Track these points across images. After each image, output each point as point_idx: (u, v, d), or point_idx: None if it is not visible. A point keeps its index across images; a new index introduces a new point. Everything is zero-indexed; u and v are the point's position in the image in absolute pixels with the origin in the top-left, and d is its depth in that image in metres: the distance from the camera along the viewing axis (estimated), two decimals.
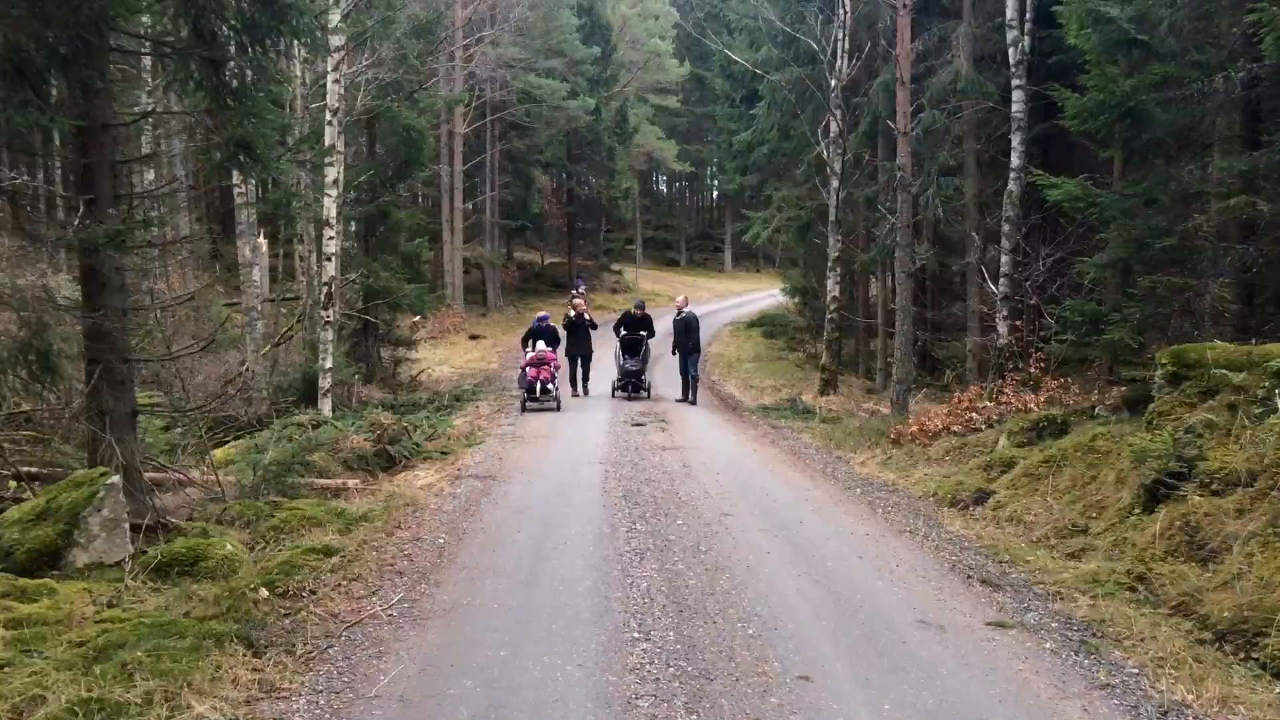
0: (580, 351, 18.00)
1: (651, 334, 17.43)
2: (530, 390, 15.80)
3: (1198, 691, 4.65)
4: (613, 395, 17.26)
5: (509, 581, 6.43)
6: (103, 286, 7.39)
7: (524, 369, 16.18)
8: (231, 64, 8.04)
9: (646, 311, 17.82)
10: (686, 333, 17.02)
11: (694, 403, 17.02)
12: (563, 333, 17.58)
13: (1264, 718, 4.34)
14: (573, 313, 18.01)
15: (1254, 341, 8.10)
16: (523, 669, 4.92)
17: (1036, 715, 4.45)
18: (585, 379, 18.11)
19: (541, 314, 17.74)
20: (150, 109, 10.79)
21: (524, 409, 15.58)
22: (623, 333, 17.34)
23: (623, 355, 17.35)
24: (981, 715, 4.43)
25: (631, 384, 17.24)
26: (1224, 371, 7.33)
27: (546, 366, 16.01)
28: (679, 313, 17.53)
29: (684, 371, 17.22)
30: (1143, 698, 4.65)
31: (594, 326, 18.31)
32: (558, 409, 15.51)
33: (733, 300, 41.19)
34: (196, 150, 14.49)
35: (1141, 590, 6.08)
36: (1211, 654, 5.12)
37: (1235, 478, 6.43)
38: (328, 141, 13.96)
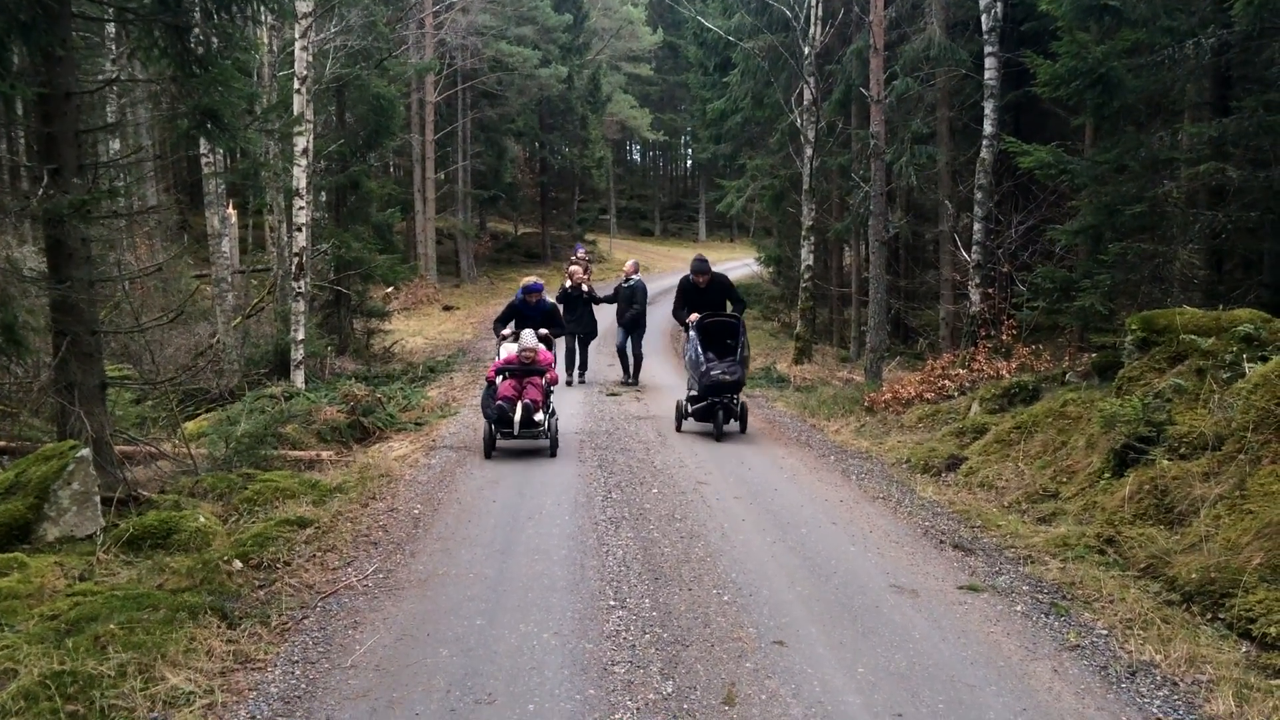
0: (580, 330, 14.98)
1: (743, 306, 11.60)
2: (501, 419, 9.36)
3: (1165, 652, 4.72)
4: (678, 428, 11.01)
5: (484, 551, 6.43)
6: (69, 258, 7.28)
7: (492, 380, 9.84)
8: (197, 30, 7.92)
9: (716, 272, 11.52)
10: (631, 304, 14.98)
11: (636, 383, 15.00)
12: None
13: (1230, 676, 4.41)
14: (569, 283, 15.11)
15: (1221, 307, 8.19)
16: (499, 637, 4.93)
17: (1007, 676, 4.51)
18: (583, 365, 15.22)
19: (530, 281, 11.69)
20: (114, 77, 10.61)
21: (488, 453, 9.48)
22: (699, 319, 10.92)
23: (702, 353, 10.62)
24: (953, 677, 4.49)
25: (724, 404, 10.55)
26: (1192, 337, 7.42)
27: (535, 381, 9.71)
28: (626, 280, 15.24)
29: (624, 349, 15.15)
30: (1111, 658, 4.72)
31: (597, 301, 15.24)
32: (552, 454, 9.53)
33: None
34: (162, 119, 14.32)
35: (1111, 553, 6.15)
36: (1179, 615, 5.19)
37: (1203, 442, 6.51)
38: (296, 110, 13.78)
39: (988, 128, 14.08)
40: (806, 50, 18.48)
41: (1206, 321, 7.59)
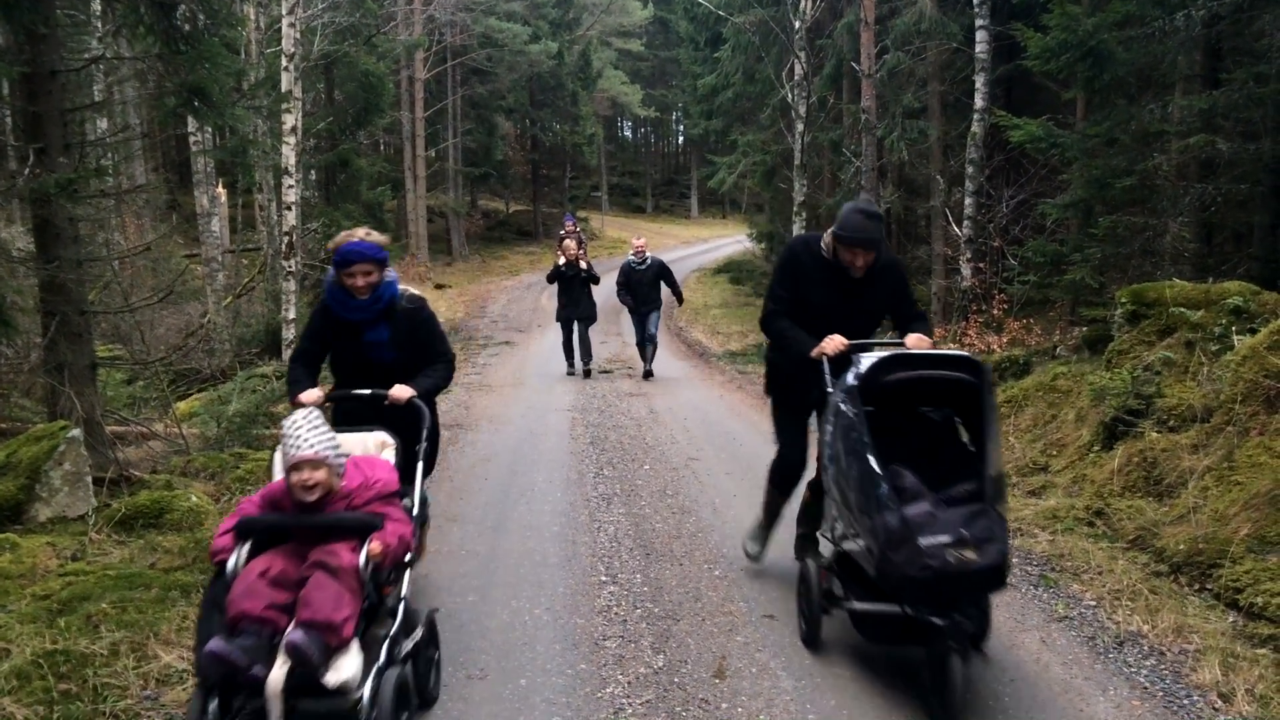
0: (577, 314, 13.33)
1: (924, 322, 5.16)
2: (229, 685, 3.26)
3: (1153, 622, 4.75)
4: (810, 636, 4.57)
5: (476, 528, 6.45)
6: (56, 237, 7.24)
7: (220, 558, 3.61)
8: (183, 7, 7.85)
9: (881, 246, 4.86)
10: (658, 283, 13.41)
11: (651, 374, 13.39)
12: (549, 298, 12.46)
13: (1216, 645, 4.45)
14: (563, 260, 13.41)
15: (1210, 280, 8.21)
16: (491, 613, 4.95)
17: (996, 647, 4.54)
18: (586, 353, 13.47)
19: (350, 238, 4.67)
20: (100, 54, 10.52)
21: None
22: (868, 366, 4.26)
23: (878, 468, 3.94)
24: None
25: (957, 627, 3.79)
26: (1182, 310, 7.43)
27: (332, 555, 3.51)
28: (641, 261, 13.31)
29: (646, 336, 13.47)
30: (1099, 629, 4.76)
31: (595, 280, 13.49)
32: None
33: (699, 246, 41.10)
34: (149, 97, 14.22)
35: (1100, 525, 6.19)
36: (1167, 585, 5.23)
37: (1191, 414, 6.53)
38: (284, 87, 13.70)
39: (978, 101, 14.05)
40: (797, 24, 18.39)
41: (1196, 294, 7.61)
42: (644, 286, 13.25)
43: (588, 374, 13.34)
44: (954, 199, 16.01)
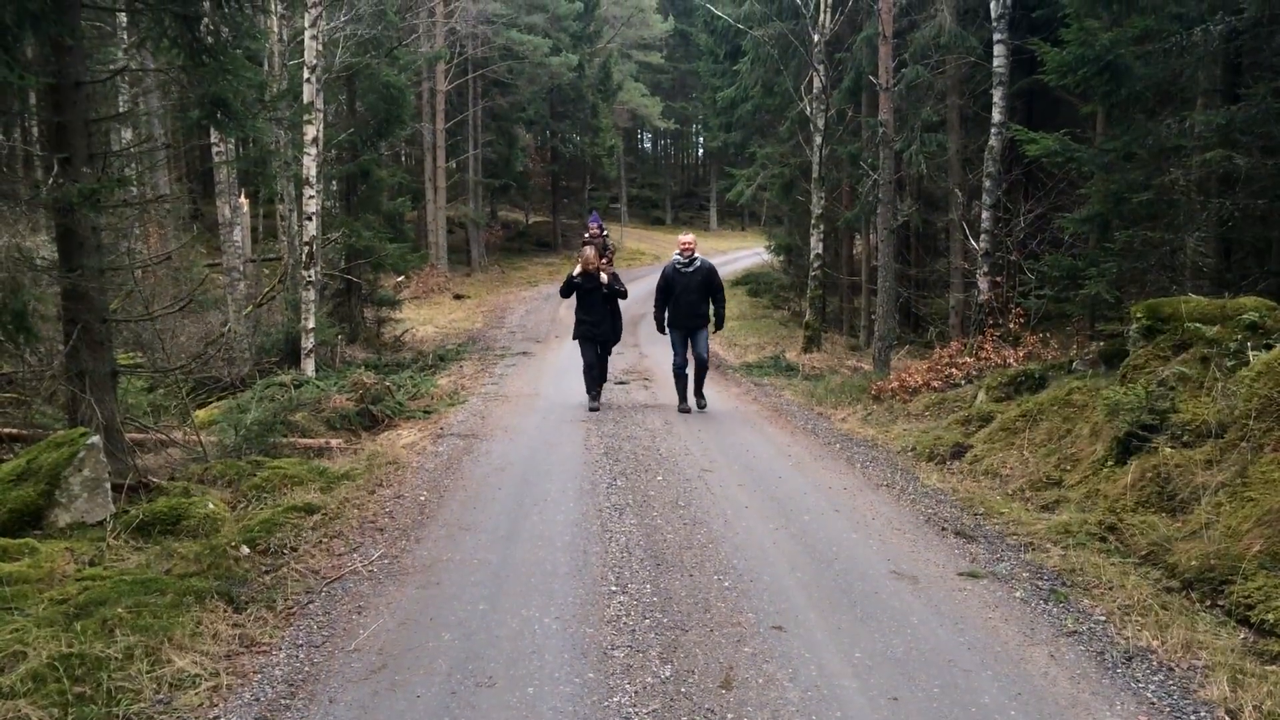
0: (596, 333, 11.39)
1: None
2: None
3: (1163, 637, 4.74)
4: None
5: (489, 537, 6.49)
6: (79, 246, 7.36)
7: None
8: (206, 20, 7.96)
9: None
10: (706, 293, 11.10)
11: (703, 405, 11.44)
12: (567, 309, 11.00)
13: (1226, 661, 4.43)
14: (578, 269, 11.43)
15: (1226, 295, 8.18)
16: (501, 622, 4.98)
17: (1004, 661, 4.54)
18: (600, 378, 11.69)
19: None
20: (124, 66, 10.67)
21: None
22: None
23: None
24: (950, 661, 4.52)
25: None
26: (1197, 325, 7.41)
27: None
28: (690, 261, 11.03)
29: (685, 368, 11.31)
30: (1109, 644, 4.74)
31: (623, 294, 11.51)
32: None
33: (718, 259, 40.82)
34: (173, 108, 14.39)
35: (1112, 540, 6.17)
36: (1178, 601, 5.21)
37: (1206, 429, 6.51)
38: (306, 99, 13.85)
39: (996, 115, 14.04)
40: (816, 38, 18.43)
41: (1211, 309, 7.58)
42: (690, 294, 11.01)
43: (594, 409, 11.27)
44: (972, 213, 15.99)
